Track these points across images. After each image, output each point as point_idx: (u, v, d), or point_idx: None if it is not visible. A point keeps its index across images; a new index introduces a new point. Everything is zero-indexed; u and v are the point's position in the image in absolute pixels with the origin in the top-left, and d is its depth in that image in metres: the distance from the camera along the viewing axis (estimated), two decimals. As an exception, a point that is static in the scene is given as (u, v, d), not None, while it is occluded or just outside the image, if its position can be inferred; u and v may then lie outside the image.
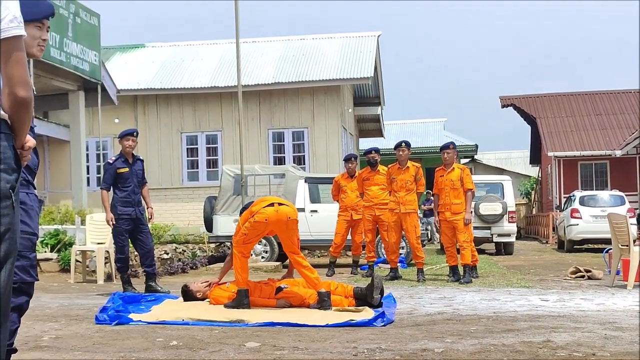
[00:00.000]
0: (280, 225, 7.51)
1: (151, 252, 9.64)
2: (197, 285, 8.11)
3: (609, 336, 5.74)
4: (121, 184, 9.43)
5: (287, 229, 7.54)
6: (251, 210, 7.53)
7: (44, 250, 13.02)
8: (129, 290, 9.25)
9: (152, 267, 9.54)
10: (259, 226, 7.46)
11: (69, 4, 16.51)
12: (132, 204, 9.37)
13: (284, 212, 7.47)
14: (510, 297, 8.75)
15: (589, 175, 28.97)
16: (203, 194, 19.20)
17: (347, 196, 12.50)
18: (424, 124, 39.43)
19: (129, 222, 9.36)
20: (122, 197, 9.37)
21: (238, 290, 7.45)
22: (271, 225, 7.53)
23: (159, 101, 22.21)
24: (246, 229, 7.46)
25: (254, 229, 7.47)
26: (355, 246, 12.63)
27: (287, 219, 7.47)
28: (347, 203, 12.49)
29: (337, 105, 21.83)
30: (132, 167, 9.50)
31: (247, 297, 7.42)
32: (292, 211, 7.59)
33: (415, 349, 5.24)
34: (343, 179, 12.70)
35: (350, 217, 12.48)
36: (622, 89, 32.12)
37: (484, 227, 17.87)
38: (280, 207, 7.50)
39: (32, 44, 3.62)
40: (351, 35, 24.50)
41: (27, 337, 5.92)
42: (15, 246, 2.69)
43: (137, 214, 9.42)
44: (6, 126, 2.68)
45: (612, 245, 10.42)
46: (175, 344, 5.57)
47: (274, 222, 7.45)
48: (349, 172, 12.65)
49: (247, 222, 7.47)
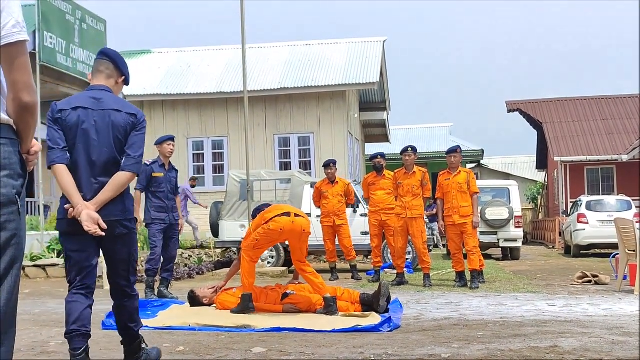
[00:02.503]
0: (293, 236, 7.53)
1: (173, 260, 9.75)
2: (203, 291, 8.10)
3: (616, 341, 5.71)
4: (155, 188, 9.41)
5: (299, 240, 7.56)
6: (264, 217, 7.49)
7: (51, 255, 13.05)
8: (150, 296, 9.14)
9: (169, 273, 9.63)
10: (272, 234, 7.45)
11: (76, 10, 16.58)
12: (166, 209, 9.35)
13: (299, 224, 7.46)
14: (517, 302, 8.72)
15: (596, 180, 28.87)
16: (209, 199, 19.18)
17: (329, 202, 12.48)
18: (430, 129, 39.37)
19: (163, 227, 9.34)
20: (155, 203, 9.36)
21: (242, 295, 7.43)
22: (285, 235, 7.56)
23: (165, 106, 22.24)
24: (259, 234, 7.42)
25: (267, 236, 7.46)
26: (347, 251, 12.51)
27: (301, 231, 7.48)
28: (329, 209, 12.47)
29: (343, 111, 21.82)
30: (167, 174, 9.51)
31: (251, 301, 7.41)
32: (307, 223, 7.59)
33: (422, 355, 5.23)
34: (324, 184, 12.68)
35: (333, 222, 12.45)
36: (628, 94, 32.03)
37: (491, 232, 17.82)
38: (297, 218, 7.48)
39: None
40: (357, 41, 24.50)
41: (34, 343, 5.93)
42: (22, 252, 2.69)
43: (170, 220, 9.43)
44: (12, 131, 2.67)
45: (619, 250, 10.39)
46: (182, 350, 5.56)
47: (289, 232, 7.45)
48: (329, 178, 12.63)
49: (261, 227, 7.43)
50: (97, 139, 4.45)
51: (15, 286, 2.64)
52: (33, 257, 13.00)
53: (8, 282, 2.59)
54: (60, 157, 4.41)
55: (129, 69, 4.83)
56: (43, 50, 15.20)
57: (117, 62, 4.71)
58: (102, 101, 4.52)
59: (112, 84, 4.67)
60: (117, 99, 4.63)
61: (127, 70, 4.79)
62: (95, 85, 4.64)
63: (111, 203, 4.41)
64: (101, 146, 4.45)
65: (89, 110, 4.48)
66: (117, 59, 4.72)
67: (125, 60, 4.84)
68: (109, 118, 4.48)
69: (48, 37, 15.46)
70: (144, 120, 4.65)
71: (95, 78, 4.68)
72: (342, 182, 12.73)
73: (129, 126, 4.53)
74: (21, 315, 7.36)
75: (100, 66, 4.68)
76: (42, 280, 12.40)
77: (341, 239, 12.50)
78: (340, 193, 12.52)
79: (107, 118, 4.48)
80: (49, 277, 12.60)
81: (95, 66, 4.73)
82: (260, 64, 23.02)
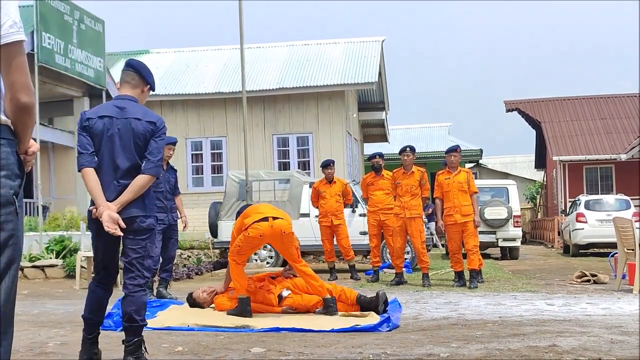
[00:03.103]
0: (275, 239, 7.53)
1: (172, 260, 9.79)
2: (202, 296, 7.96)
3: (615, 340, 5.71)
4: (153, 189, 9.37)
5: (282, 242, 7.52)
6: (244, 223, 7.46)
7: (49, 256, 13.05)
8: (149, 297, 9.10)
9: (168, 274, 9.68)
10: (253, 240, 7.47)
11: (74, 11, 16.56)
12: (165, 209, 9.37)
13: (279, 227, 7.38)
14: (516, 301, 8.73)
15: (594, 180, 28.89)
16: (208, 200, 19.16)
17: (326, 202, 12.51)
18: (429, 129, 39.37)
19: (162, 227, 9.28)
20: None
21: (239, 299, 7.38)
22: (266, 240, 7.61)
23: (163, 107, 22.21)
24: (240, 241, 7.42)
25: (249, 243, 7.45)
26: (345, 251, 12.53)
27: (281, 233, 7.41)
28: (327, 209, 12.50)
29: (342, 110, 21.82)
30: (166, 174, 9.54)
31: (249, 304, 7.34)
32: (286, 224, 7.49)
33: (421, 354, 5.23)
34: (322, 184, 12.71)
35: (330, 222, 12.48)
36: (626, 93, 32.05)
37: (489, 232, 17.83)
38: (275, 221, 7.40)
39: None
40: (355, 41, 24.50)
41: (32, 344, 5.93)
42: (20, 252, 2.69)
43: (169, 220, 9.48)
44: (9, 132, 2.68)
45: (618, 249, 10.40)
46: (180, 350, 5.56)
47: (269, 236, 7.46)
48: (327, 178, 12.66)
49: (242, 234, 7.42)
50: (121, 144, 4.85)
51: (13, 286, 2.65)
52: (32, 258, 12.99)
53: (6, 283, 2.60)
54: (88, 161, 4.82)
55: (153, 77, 5.25)
56: (41, 51, 15.19)
57: (141, 73, 5.12)
58: (125, 110, 4.93)
59: (137, 93, 5.10)
60: (139, 108, 5.01)
61: (152, 78, 5.21)
62: (120, 95, 5.08)
63: (132, 202, 4.80)
64: (124, 151, 4.85)
65: (113, 119, 4.89)
66: (142, 70, 5.14)
67: (149, 69, 5.25)
68: (130, 125, 4.87)
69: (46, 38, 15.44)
70: (163, 126, 5.00)
71: (122, 88, 5.12)
72: (340, 182, 12.74)
73: (148, 133, 4.91)
74: (20, 315, 7.38)
75: (127, 77, 5.12)
76: (41, 281, 12.39)
77: (339, 239, 12.50)
78: (338, 193, 12.54)
79: (128, 125, 4.87)
80: (48, 278, 12.60)
81: (122, 77, 5.15)
82: (259, 64, 23.02)
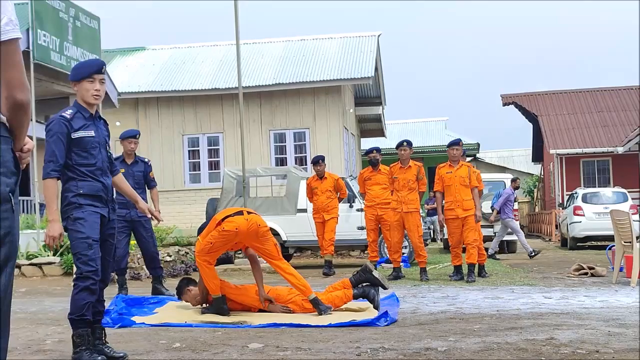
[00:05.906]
0: (250, 234, 7.13)
1: (156, 256, 9.55)
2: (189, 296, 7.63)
3: (612, 333, 5.73)
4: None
5: (257, 237, 7.17)
6: (216, 219, 7.18)
7: (47, 254, 13.02)
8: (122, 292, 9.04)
9: (155, 270, 9.50)
10: (228, 235, 7.07)
11: (69, 8, 16.52)
12: (127, 206, 8.73)
13: (254, 220, 7.14)
14: (514, 295, 8.74)
15: (591, 173, 28.94)
16: (205, 196, 19.18)
17: (318, 198, 12.70)
18: (426, 123, 39.38)
19: (123, 224, 9.03)
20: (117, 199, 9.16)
21: (214, 298, 7.19)
22: (241, 235, 7.12)
23: (160, 104, 22.22)
24: (213, 237, 7.07)
25: (223, 238, 7.08)
26: (325, 244, 12.61)
27: (257, 226, 7.12)
28: (319, 205, 12.70)
29: (339, 106, 21.82)
30: (130, 168, 9.36)
31: (224, 303, 7.19)
32: (262, 219, 7.30)
33: (419, 348, 5.23)
34: (314, 181, 12.87)
35: (322, 218, 12.68)
36: (623, 86, 32.08)
37: (487, 226, 17.82)
38: (250, 215, 7.20)
39: (87, 94, 5.04)
40: (351, 35, 24.47)
41: (30, 341, 5.92)
42: (16, 249, 2.69)
43: (132, 217, 9.15)
44: (5, 129, 2.68)
45: (615, 242, 10.41)
46: (178, 346, 5.57)
47: (245, 231, 7.07)
48: (318, 174, 12.80)
49: (215, 230, 7.09)
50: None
51: (9, 284, 2.65)
52: (29, 256, 12.97)
53: (2, 280, 2.60)
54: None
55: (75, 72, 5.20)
56: (37, 49, 15.15)
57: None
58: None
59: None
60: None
61: (72, 73, 5.19)
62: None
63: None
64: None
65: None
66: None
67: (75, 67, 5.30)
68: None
69: (42, 35, 15.40)
70: (46, 126, 5.18)
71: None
72: (331, 178, 12.83)
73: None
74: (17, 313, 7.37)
75: None
76: (39, 279, 12.38)
77: (325, 231, 12.65)
78: (329, 189, 12.65)
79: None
80: (45, 276, 12.58)
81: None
82: (255, 59, 23.01)
